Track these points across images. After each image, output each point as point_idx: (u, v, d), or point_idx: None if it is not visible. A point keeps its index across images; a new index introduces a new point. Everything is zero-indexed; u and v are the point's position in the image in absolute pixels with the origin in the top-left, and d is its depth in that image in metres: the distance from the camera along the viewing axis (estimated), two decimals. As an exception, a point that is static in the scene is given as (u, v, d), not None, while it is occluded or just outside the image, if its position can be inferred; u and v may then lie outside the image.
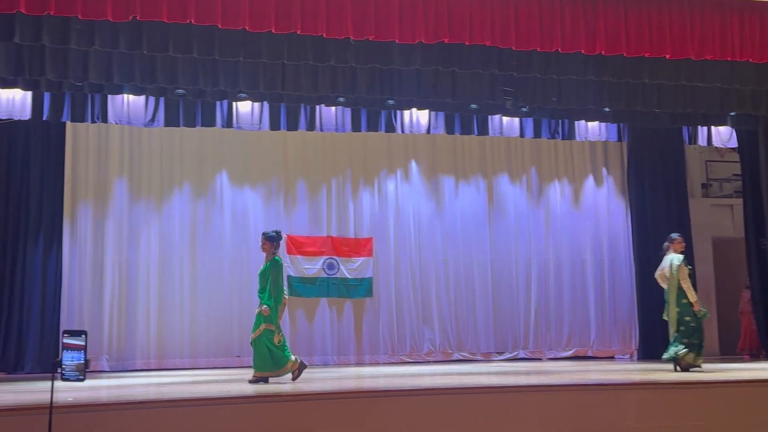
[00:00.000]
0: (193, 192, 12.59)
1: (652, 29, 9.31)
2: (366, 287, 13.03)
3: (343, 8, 8.58)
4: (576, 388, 7.60)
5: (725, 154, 15.02)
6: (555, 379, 8.56)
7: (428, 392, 7.61)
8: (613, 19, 9.18)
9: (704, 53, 9.47)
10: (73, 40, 8.59)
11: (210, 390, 8.03)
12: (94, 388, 8.41)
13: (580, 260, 13.91)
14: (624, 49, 9.28)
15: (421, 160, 13.60)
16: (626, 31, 9.21)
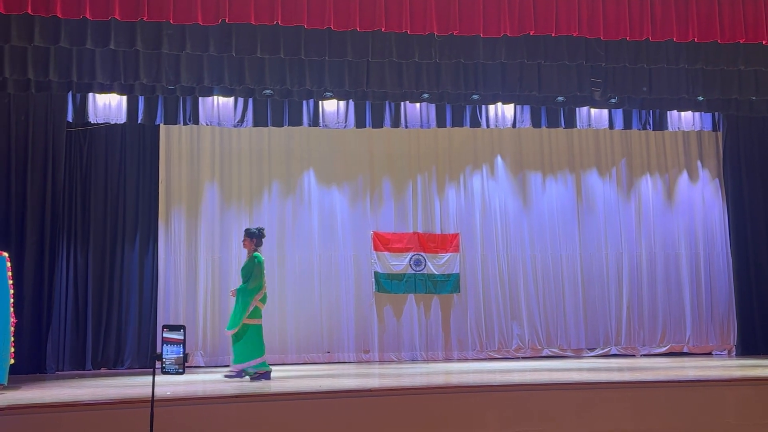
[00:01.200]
0: (281, 191, 12.81)
1: (747, 14, 8.96)
2: (453, 283, 12.99)
3: (426, 4, 8.57)
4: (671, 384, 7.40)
5: (826, 142, 14.33)
6: (649, 376, 8.36)
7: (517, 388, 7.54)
8: (705, 5, 8.88)
9: (803, 37, 9.06)
10: (165, 45, 8.86)
11: (299, 385, 8.15)
12: (191, 383, 8.66)
13: (674, 254, 13.53)
14: (718, 36, 8.96)
15: (507, 155, 13.46)
16: (720, 16, 8.89)
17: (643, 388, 7.22)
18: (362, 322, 12.69)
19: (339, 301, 12.70)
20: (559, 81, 10.64)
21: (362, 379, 8.88)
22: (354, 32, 8.79)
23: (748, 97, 11.28)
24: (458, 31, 8.72)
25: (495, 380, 8.28)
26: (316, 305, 12.60)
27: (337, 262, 12.75)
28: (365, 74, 10.08)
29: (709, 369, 9.61)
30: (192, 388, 8.11)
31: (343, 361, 12.36)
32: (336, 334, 12.61)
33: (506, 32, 8.78)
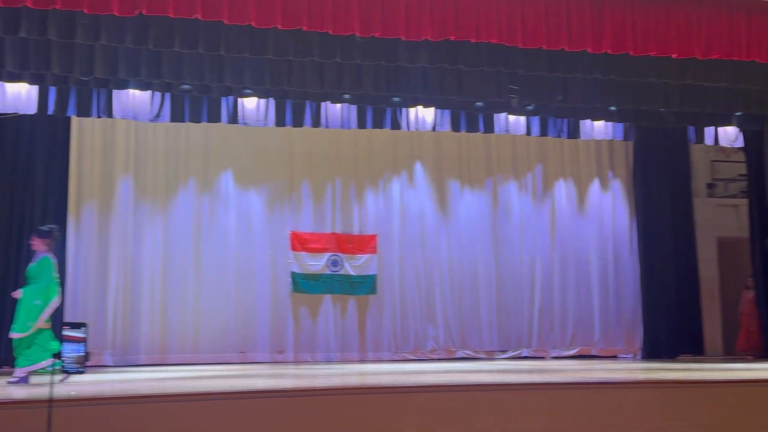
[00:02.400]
0: (198, 188, 12.61)
1: (659, 28, 9.27)
2: (370, 284, 13.03)
3: (349, 5, 8.57)
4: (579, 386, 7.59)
5: (731, 154, 14.95)
6: (558, 378, 8.55)
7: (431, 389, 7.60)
8: (619, 18, 9.15)
9: (711, 53, 9.43)
10: (79, 35, 8.61)
11: (213, 385, 8.03)
12: (98, 383, 8.43)
13: (585, 260, 13.88)
14: (630, 48, 9.25)
15: (427, 158, 13.58)
16: (633, 29, 9.17)
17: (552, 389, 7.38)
18: (277, 322, 12.60)
19: (254, 300, 12.58)
20: (479, 86, 10.80)
21: (276, 379, 8.81)
22: (275, 30, 8.72)
23: (658, 108, 11.68)
24: (380, 33, 8.76)
25: (409, 382, 8.33)
26: (231, 305, 12.45)
27: (253, 261, 12.63)
28: (286, 73, 10.01)
29: (615, 372, 9.89)
30: (98, 387, 7.90)
31: (257, 361, 12.25)
32: (251, 334, 12.48)
33: (427, 36, 8.86)
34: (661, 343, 13.36)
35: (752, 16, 9.44)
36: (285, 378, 9.06)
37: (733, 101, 11.45)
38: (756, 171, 13.34)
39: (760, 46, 9.48)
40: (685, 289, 13.57)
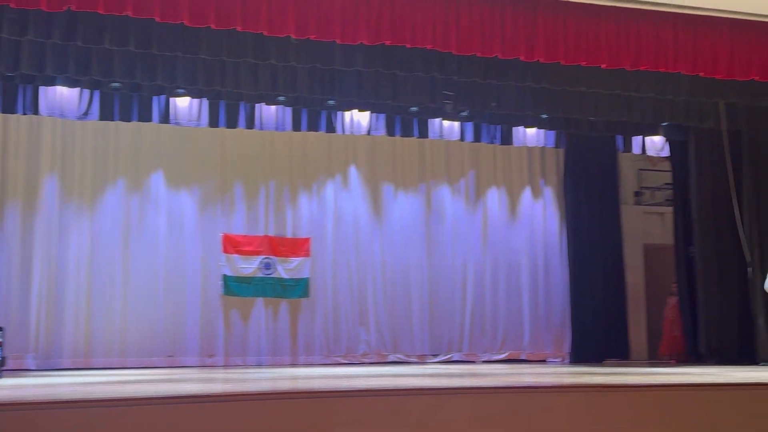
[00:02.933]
0: (127, 189, 12.36)
1: (589, 39, 9.46)
2: (302, 288, 12.96)
3: (284, 6, 8.52)
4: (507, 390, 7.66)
5: (657, 163, 15.38)
6: (487, 382, 8.63)
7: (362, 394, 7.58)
8: (551, 28, 9.31)
9: (639, 64, 9.67)
10: (5, 29, 8.38)
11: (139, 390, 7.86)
12: (19, 387, 8.16)
13: (516, 265, 14.06)
14: (562, 57, 9.42)
15: (361, 162, 13.59)
16: (564, 39, 9.34)
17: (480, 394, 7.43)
18: (207, 325, 12.43)
19: (184, 303, 12.39)
20: (413, 91, 10.88)
21: (205, 384, 8.66)
22: (209, 29, 8.61)
23: (588, 117, 11.95)
24: (315, 35, 8.73)
25: (341, 386, 8.29)
26: (160, 307, 12.23)
27: (183, 263, 12.44)
28: (220, 73, 9.92)
29: (543, 376, 10.03)
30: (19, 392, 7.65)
31: (186, 365, 12.05)
32: (180, 337, 12.28)
33: (363, 40, 8.87)
34: (588, 348, 13.62)
35: (678, 29, 9.71)
36: (214, 382, 8.92)
37: (659, 111, 11.80)
38: (681, 180, 13.74)
39: (686, 58, 9.77)
40: (612, 294, 13.88)
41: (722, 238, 12.75)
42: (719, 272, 12.75)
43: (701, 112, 12.01)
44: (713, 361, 12.49)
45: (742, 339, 12.46)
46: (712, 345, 12.69)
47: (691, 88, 10.75)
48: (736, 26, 9.84)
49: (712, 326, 12.72)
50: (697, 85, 10.66)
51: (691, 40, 9.79)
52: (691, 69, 9.86)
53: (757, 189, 12.17)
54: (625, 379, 8.83)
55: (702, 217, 12.95)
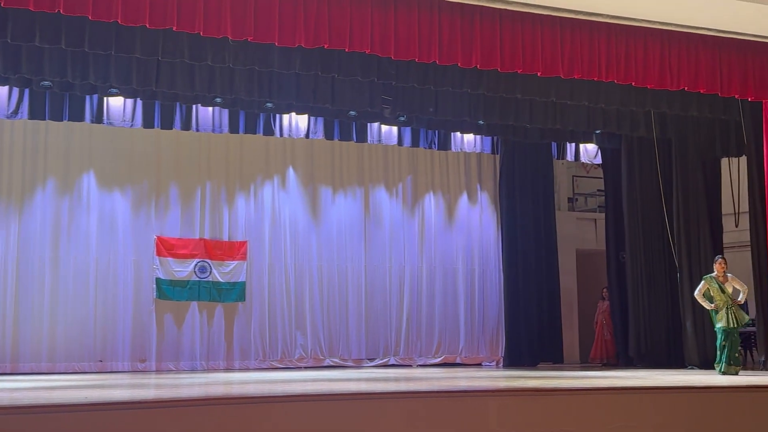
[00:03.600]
0: (57, 189, 12.06)
1: (525, 46, 9.58)
2: (239, 291, 12.82)
3: (221, 7, 8.41)
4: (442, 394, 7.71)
5: (591, 170, 15.71)
6: (423, 386, 8.67)
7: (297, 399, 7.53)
8: (488, 35, 9.40)
9: (573, 72, 9.84)
10: (-72, 24, 8.08)
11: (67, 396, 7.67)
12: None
13: (452, 270, 14.17)
14: (498, 65, 9.52)
15: (299, 165, 13.52)
16: (501, 47, 9.45)
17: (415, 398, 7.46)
18: (140, 329, 12.20)
19: (116, 307, 12.14)
20: (352, 95, 10.90)
21: (135, 390, 8.50)
22: (143, 28, 8.46)
23: (524, 124, 12.12)
24: (253, 37, 8.64)
25: (276, 391, 8.22)
26: (90, 311, 11.97)
27: (115, 266, 12.18)
28: (155, 73, 9.76)
29: (478, 380, 10.12)
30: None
31: (116, 370, 11.81)
32: (110, 342, 12.03)
33: (301, 43, 8.82)
34: (522, 352, 13.78)
35: (612, 39, 9.91)
36: (146, 388, 8.76)
37: (592, 119, 12.05)
38: (613, 187, 14.04)
39: (618, 68, 9.97)
40: (546, 299, 14.07)
41: (652, 244, 13.06)
42: (649, 277, 13.06)
43: (633, 121, 12.32)
44: (643, 365, 12.77)
45: (671, 343, 12.79)
46: (642, 349, 12.98)
47: (623, 97, 11.01)
48: (667, 37, 10.10)
49: (642, 330, 13.01)
50: (629, 94, 10.93)
51: (623, 51, 10.00)
52: (623, 78, 10.08)
53: (686, 196, 12.50)
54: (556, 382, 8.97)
55: (633, 224, 13.25)
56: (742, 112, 11.50)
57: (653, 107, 11.40)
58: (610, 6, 9.58)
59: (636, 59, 9.98)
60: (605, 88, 10.75)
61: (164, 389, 8.22)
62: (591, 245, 15.23)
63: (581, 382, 8.96)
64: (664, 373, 11.01)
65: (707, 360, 11.95)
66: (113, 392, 8.00)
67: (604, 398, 7.59)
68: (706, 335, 12.04)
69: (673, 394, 7.81)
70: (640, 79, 10.10)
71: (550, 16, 9.58)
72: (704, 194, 12.59)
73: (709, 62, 10.25)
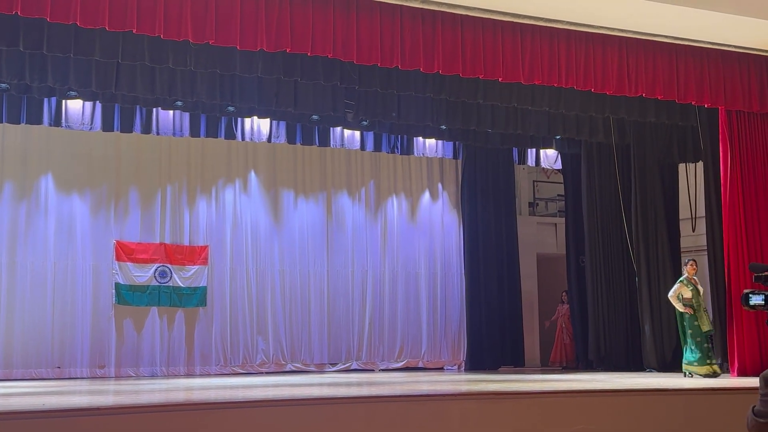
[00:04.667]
0: (14, 193, 11.86)
1: (487, 52, 9.65)
2: (200, 296, 12.73)
3: (182, 10, 8.34)
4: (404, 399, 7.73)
5: (551, 175, 15.87)
6: (385, 390, 8.69)
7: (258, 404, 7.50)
8: (450, 40, 9.46)
9: (533, 78, 9.94)
10: None
11: (24, 403, 7.55)
12: None
13: (415, 273, 14.20)
14: (460, 70, 9.58)
15: (261, 170, 13.45)
16: (462, 52, 9.50)
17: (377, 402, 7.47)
18: (99, 335, 12.04)
19: (74, 312, 11.97)
20: (315, 100, 10.90)
21: (94, 396, 8.39)
22: (103, 31, 8.36)
23: (485, 129, 12.21)
24: (214, 40, 8.59)
25: (237, 396, 8.19)
26: (48, 316, 11.79)
27: (74, 271, 12.01)
28: (114, 76, 9.66)
29: (440, 384, 10.17)
30: None
31: (75, 377, 11.65)
32: (69, 347, 11.85)
33: (263, 47, 8.79)
34: (484, 355, 13.86)
35: (571, 46, 10.03)
36: (105, 394, 8.66)
37: (553, 125, 12.19)
38: (573, 192, 14.20)
39: (577, 74, 10.09)
40: (507, 303, 14.17)
41: (611, 248, 13.23)
42: (608, 281, 13.22)
43: (592, 127, 12.49)
44: (602, 368, 12.92)
45: (630, 346, 12.95)
46: (602, 352, 13.13)
47: (582, 103, 11.15)
48: (625, 44, 10.26)
49: (601, 334, 13.16)
50: (588, 100, 11.07)
51: (582, 57, 10.13)
52: (583, 85, 10.20)
53: (644, 201, 12.69)
54: (518, 386, 9.05)
55: (592, 228, 13.41)
56: (699, 119, 11.71)
57: (612, 113, 11.56)
58: (569, 13, 9.70)
59: (595, 66, 10.11)
60: (565, 94, 10.87)
61: (124, 395, 8.13)
62: (551, 249, 15.38)
63: (542, 386, 9.05)
64: (623, 375, 11.16)
65: (665, 363, 12.16)
66: (72, 399, 7.90)
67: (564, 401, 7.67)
68: (663, 338, 12.23)
69: (633, 397, 7.92)
70: (599, 86, 10.23)
71: (511, 22, 9.67)
72: (662, 199, 12.79)
73: (666, 69, 10.42)
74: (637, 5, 9.48)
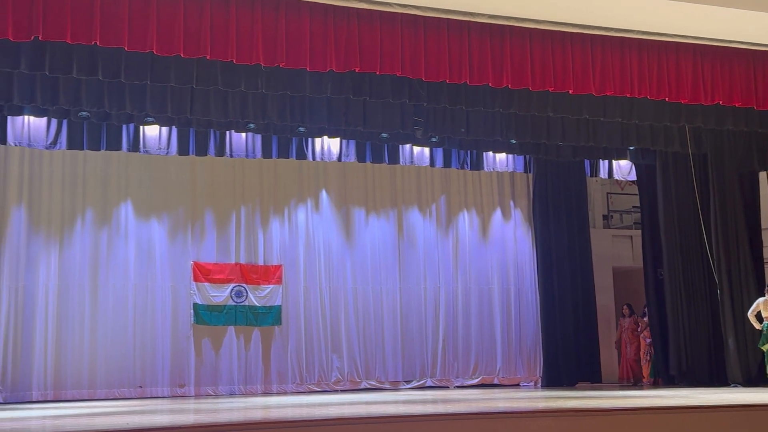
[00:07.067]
0: (95, 219, 12.23)
1: (556, 65, 9.57)
2: (275, 315, 12.88)
3: (253, 34, 8.53)
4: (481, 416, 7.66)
5: (625, 187, 15.57)
6: (461, 408, 8.62)
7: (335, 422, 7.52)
8: (518, 55, 9.42)
9: (605, 89, 9.81)
10: (-30, 60, 8.29)
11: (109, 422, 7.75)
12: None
13: (487, 289, 14.09)
14: (529, 83, 9.52)
15: (332, 189, 13.58)
16: (531, 66, 9.45)
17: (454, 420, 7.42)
18: (178, 355, 12.29)
19: (154, 333, 12.25)
20: (384, 118, 10.95)
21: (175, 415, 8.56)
22: (178, 57, 8.59)
23: (556, 142, 12.07)
24: (285, 63, 8.74)
25: (314, 414, 8.24)
26: (130, 338, 12.09)
27: (153, 293, 12.31)
28: (189, 101, 9.90)
29: (517, 400, 10.03)
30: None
31: (156, 396, 11.90)
32: (150, 367, 12.12)
33: (332, 67, 8.89)
34: (560, 371, 13.65)
35: (643, 55, 9.87)
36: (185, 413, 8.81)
37: (626, 136, 11.96)
38: (648, 203, 13.90)
39: (650, 84, 9.92)
40: (583, 317, 13.94)
41: (691, 260, 12.90)
42: (688, 294, 12.88)
43: (667, 136, 12.22)
44: (685, 383, 12.58)
45: (713, 361, 12.58)
46: (683, 367, 12.78)
47: (656, 113, 10.93)
48: (699, 52, 10.04)
49: (682, 348, 12.81)
50: (663, 109, 10.85)
51: (655, 66, 9.95)
52: (656, 94, 10.02)
53: (724, 210, 12.35)
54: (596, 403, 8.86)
55: (670, 240, 13.09)
56: (779, 124, 11.36)
57: (688, 122, 11.30)
58: (641, 22, 9.54)
59: (669, 74, 9.92)
60: (638, 103, 10.69)
61: (203, 414, 8.26)
62: (628, 262, 15.07)
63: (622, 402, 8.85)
64: (707, 391, 10.82)
65: (750, 377, 11.75)
66: (154, 418, 8.06)
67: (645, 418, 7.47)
68: (748, 351, 11.84)
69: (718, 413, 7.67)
70: (673, 94, 10.03)
71: (580, 34, 9.58)
72: (742, 208, 12.42)
73: (744, 75, 10.16)
74: (711, 12, 9.27)
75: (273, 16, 8.63)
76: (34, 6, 7.83)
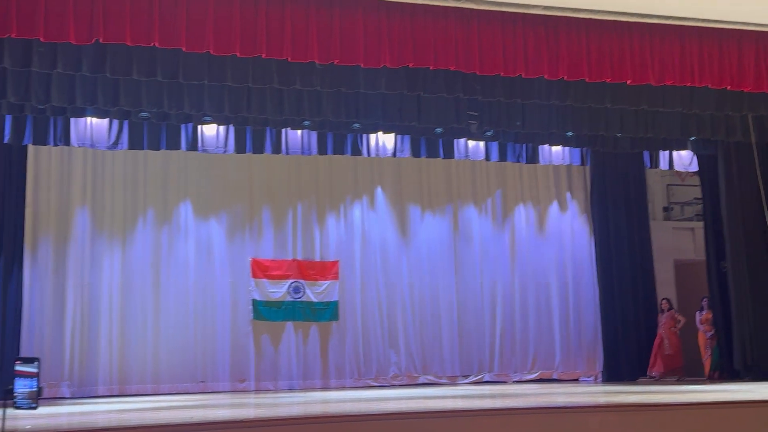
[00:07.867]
0: (156, 218, 12.48)
1: (613, 55, 9.44)
2: (332, 311, 12.97)
3: (308, 32, 8.61)
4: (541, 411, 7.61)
5: (686, 178, 15.23)
6: (520, 402, 8.57)
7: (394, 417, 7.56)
8: (575, 45, 9.30)
9: (664, 79, 9.62)
10: (35, 63, 8.53)
11: (172, 416, 7.91)
12: (54, 415, 8.24)
13: (545, 283, 13.96)
14: (586, 75, 9.40)
15: (387, 184, 13.60)
16: (588, 56, 9.33)
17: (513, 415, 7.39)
18: (238, 350, 12.47)
19: (215, 329, 12.45)
20: (438, 112, 10.90)
21: (237, 409, 8.70)
22: (234, 57, 8.71)
23: (614, 133, 11.88)
24: (339, 60, 8.80)
25: (372, 409, 8.29)
26: (191, 334, 12.31)
27: (213, 290, 12.52)
28: (245, 99, 10.01)
29: (576, 395, 9.93)
30: (55, 420, 7.73)
31: (217, 390, 12.10)
32: (211, 363, 12.34)
33: (386, 63, 8.92)
34: (621, 366, 13.46)
35: (704, 43, 9.66)
36: (246, 408, 8.96)
37: (686, 126, 11.69)
38: (710, 194, 13.59)
39: (711, 72, 9.71)
40: (644, 311, 13.70)
41: (755, 253, 12.59)
42: (752, 287, 12.58)
43: (729, 126, 11.90)
44: (750, 377, 12.29)
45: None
46: (748, 361, 12.49)
47: (717, 102, 10.66)
48: (761, 39, 9.77)
49: (747, 342, 12.52)
50: (724, 98, 10.58)
51: (716, 54, 9.74)
52: (718, 83, 9.79)
53: (789, 201, 12.00)
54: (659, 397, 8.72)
55: (733, 232, 12.79)
56: None
57: (750, 111, 11.00)
58: (701, 10, 9.33)
59: (730, 62, 9.69)
60: (698, 93, 10.44)
61: (264, 408, 8.38)
62: (689, 255, 14.75)
63: (686, 397, 8.69)
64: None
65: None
66: (216, 412, 8.20)
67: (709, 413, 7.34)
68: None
69: (785, 408, 7.49)
70: (735, 83, 9.79)
71: (638, 23, 9.41)
72: (809, 198, 12.06)
73: (809, 61, 9.86)
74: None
75: (327, 14, 8.70)
76: (94, 10, 8.04)
